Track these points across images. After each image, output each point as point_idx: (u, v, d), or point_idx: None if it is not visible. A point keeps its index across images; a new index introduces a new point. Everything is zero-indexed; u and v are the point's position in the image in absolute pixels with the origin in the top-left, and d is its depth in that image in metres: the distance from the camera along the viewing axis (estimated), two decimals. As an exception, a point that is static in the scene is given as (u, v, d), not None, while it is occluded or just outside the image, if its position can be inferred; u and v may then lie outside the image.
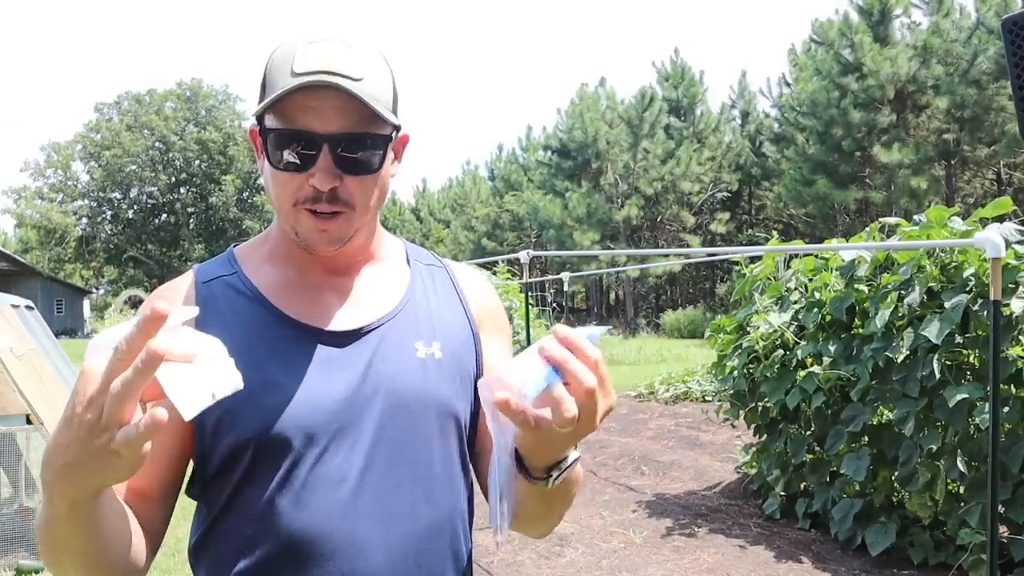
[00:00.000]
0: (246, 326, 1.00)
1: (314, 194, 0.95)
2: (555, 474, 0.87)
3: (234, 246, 1.12)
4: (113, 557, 0.86)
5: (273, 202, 1.00)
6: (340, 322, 1.03)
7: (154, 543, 0.98)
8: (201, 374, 0.71)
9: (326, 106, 0.93)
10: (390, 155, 1.02)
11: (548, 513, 1.02)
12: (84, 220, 47.38)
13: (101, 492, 0.79)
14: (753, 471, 5.77)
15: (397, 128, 1.01)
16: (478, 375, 1.09)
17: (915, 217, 4.27)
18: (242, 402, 0.94)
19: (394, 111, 1.00)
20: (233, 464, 0.96)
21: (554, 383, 0.75)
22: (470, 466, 1.11)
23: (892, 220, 4.52)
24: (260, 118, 0.98)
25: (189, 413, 0.69)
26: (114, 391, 0.68)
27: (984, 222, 4.01)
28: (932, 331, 3.77)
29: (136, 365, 0.67)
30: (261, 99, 0.98)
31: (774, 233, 26.30)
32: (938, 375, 3.78)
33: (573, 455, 0.89)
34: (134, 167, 46.21)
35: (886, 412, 4.37)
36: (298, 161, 0.94)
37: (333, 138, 0.94)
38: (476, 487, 1.13)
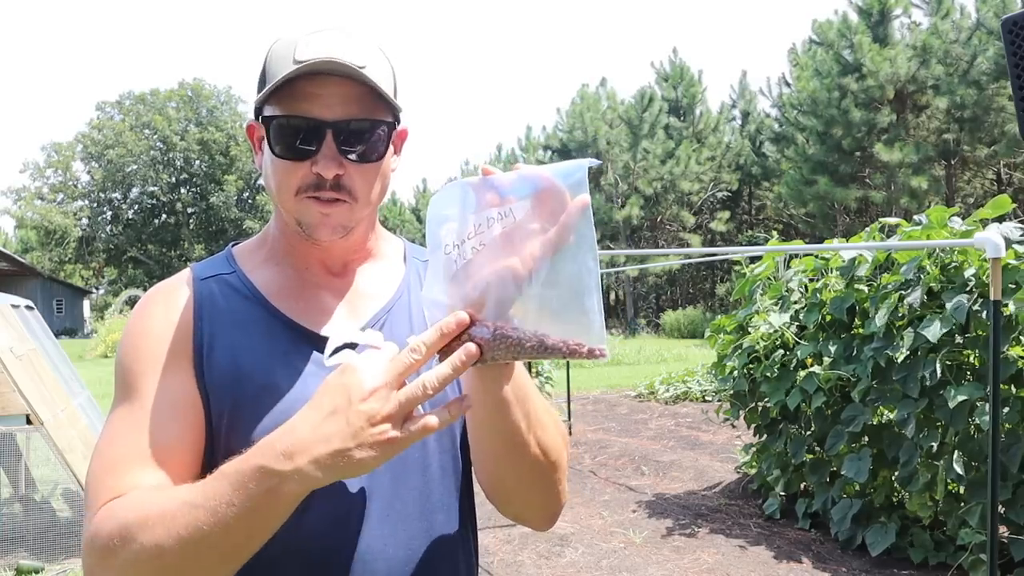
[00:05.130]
0: (246, 325, 0.99)
1: (317, 181, 0.94)
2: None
3: (232, 245, 1.10)
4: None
5: (274, 194, 0.99)
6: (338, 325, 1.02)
7: None
8: None
9: (329, 92, 0.93)
10: (390, 147, 1.01)
11: (512, 440, 0.92)
12: (84, 220, 47.33)
13: None
14: (753, 471, 5.77)
15: (398, 119, 1.00)
16: None
17: (915, 217, 4.27)
18: (247, 405, 0.94)
19: None
20: None
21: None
22: (471, 468, 1.07)
23: (892, 220, 4.52)
24: (260, 109, 0.96)
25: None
26: (429, 384, 0.76)
27: (984, 222, 4.01)
28: (932, 331, 3.77)
29: (456, 364, 0.76)
30: (261, 91, 0.96)
31: (774, 233, 26.27)
32: (939, 375, 3.78)
33: None
34: (135, 167, 46.16)
35: (886, 412, 4.37)
36: (301, 148, 0.93)
37: (337, 125, 0.93)
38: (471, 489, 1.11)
